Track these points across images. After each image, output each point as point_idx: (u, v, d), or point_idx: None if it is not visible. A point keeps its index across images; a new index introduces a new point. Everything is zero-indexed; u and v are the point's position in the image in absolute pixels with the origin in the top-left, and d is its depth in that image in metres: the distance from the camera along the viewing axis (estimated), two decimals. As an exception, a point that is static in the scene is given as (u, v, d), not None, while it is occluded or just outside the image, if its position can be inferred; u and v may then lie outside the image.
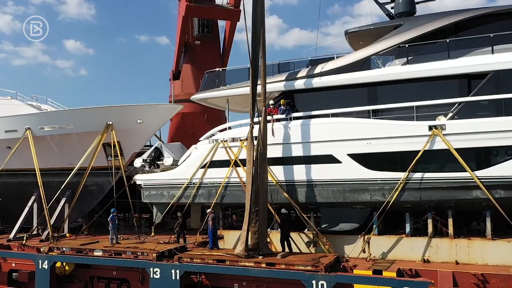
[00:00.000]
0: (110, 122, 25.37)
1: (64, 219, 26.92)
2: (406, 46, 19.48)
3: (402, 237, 19.28)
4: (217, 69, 25.58)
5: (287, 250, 20.10)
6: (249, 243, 19.22)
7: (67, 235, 27.11)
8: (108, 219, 23.18)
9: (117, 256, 21.02)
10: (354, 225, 20.00)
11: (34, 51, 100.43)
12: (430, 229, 18.88)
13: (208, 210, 21.66)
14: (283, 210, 20.46)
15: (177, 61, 41.16)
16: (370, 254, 18.59)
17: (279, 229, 20.95)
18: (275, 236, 20.80)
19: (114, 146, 25.41)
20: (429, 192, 18.52)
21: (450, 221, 18.63)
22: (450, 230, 18.62)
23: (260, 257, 18.93)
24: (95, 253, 21.45)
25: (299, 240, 20.61)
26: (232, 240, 22.00)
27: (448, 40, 18.94)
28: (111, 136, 25.32)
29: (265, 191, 19.90)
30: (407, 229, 19.33)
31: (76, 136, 26.27)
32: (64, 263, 22.42)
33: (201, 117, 38.68)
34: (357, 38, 21.70)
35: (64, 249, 22.25)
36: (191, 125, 38.86)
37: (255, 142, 19.62)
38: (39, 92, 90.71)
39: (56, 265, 22.37)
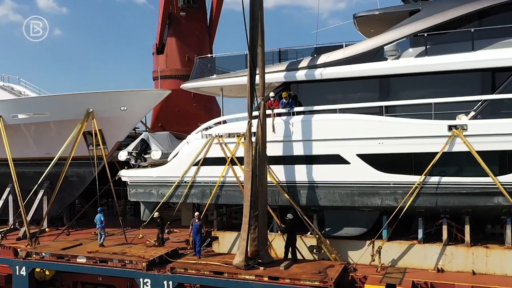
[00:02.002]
0: (91, 110, 23.34)
1: (43, 212, 25.12)
2: (425, 35, 17.43)
3: (414, 243, 17.82)
4: (209, 55, 23.25)
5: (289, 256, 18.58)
6: (248, 250, 17.61)
7: (46, 229, 25.36)
8: (98, 223, 21.32)
9: (103, 263, 19.20)
10: (362, 229, 18.45)
11: (5, 10, 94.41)
12: (444, 235, 17.45)
13: (196, 214, 19.73)
14: (289, 215, 18.63)
15: (160, 34, 38.23)
16: (382, 264, 17.16)
17: (279, 232, 19.36)
18: (274, 240, 19.20)
19: (96, 135, 23.47)
20: (446, 197, 16.97)
21: (467, 228, 17.20)
22: (467, 237, 17.20)
23: (261, 267, 17.37)
24: (78, 260, 19.56)
25: (301, 245, 19.04)
26: (228, 242, 20.40)
27: (472, 30, 16.94)
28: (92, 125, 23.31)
29: (264, 194, 18.18)
30: (420, 235, 17.86)
31: (54, 125, 24.23)
32: (44, 268, 20.58)
33: (188, 94, 36.21)
34: (367, 23, 19.48)
35: (43, 254, 20.28)
36: (177, 103, 36.54)
37: (254, 140, 17.74)
38: (11, 54, 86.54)
39: (35, 270, 20.53)
